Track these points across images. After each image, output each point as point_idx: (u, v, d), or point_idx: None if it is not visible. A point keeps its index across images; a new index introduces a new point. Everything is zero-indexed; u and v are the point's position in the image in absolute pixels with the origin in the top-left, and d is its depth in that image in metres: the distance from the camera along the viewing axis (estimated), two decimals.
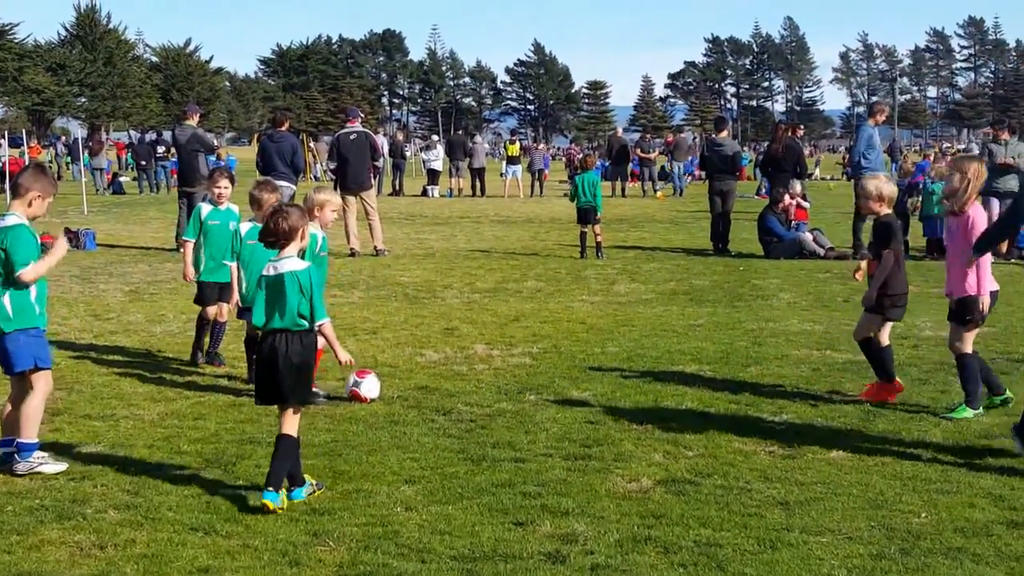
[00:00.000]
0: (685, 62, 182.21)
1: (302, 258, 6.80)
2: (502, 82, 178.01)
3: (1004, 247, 19.70)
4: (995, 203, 19.80)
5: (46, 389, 7.36)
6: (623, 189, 41.49)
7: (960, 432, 8.15)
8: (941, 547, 5.83)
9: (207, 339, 10.84)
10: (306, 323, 6.60)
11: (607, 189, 43.46)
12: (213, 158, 26.69)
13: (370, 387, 9.15)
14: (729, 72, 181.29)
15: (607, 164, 44.71)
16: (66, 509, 6.46)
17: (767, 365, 10.60)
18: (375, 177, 21.69)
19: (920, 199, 21.63)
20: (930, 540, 5.93)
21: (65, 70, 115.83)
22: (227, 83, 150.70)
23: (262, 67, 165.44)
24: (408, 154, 49.94)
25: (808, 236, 20.33)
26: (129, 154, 54.32)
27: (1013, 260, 19.57)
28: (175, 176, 31.88)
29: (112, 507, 6.48)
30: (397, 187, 42.61)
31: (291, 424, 6.62)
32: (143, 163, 44.48)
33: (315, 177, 50.62)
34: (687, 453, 7.68)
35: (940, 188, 20.56)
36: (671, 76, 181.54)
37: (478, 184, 41.65)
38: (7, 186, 34.91)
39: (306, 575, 5.51)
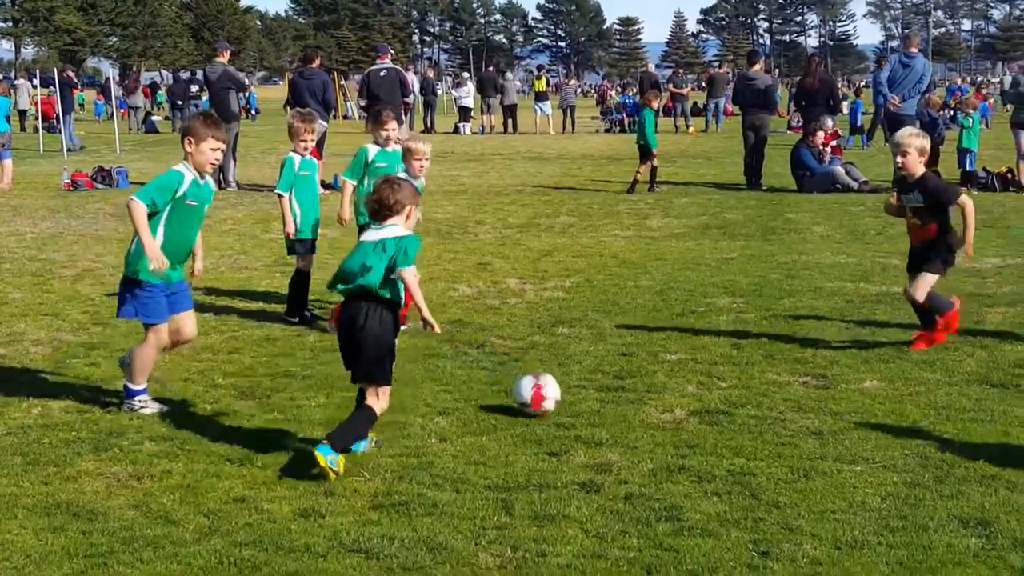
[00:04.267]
0: None
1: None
2: (533, 19, 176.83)
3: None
4: None
5: (153, 341, 7.08)
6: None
7: (994, 361, 8.10)
8: (975, 475, 5.81)
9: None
10: (389, 293, 6.10)
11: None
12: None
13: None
14: (762, 7, 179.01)
15: (636, 100, 44.33)
16: (102, 441, 6.53)
17: (800, 297, 10.54)
18: (406, 114, 21.61)
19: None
20: (964, 468, 5.90)
21: (96, 9, 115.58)
22: (257, 22, 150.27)
23: (293, 5, 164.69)
24: (439, 91, 49.73)
25: (841, 169, 20.13)
26: (161, 93, 54.32)
27: None
28: None
29: (148, 439, 6.55)
30: (429, 124, 42.47)
31: (375, 400, 6.16)
32: (179, 102, 44.49)
33: (346, 116, 50.56)
34: (720, 384, 7.67)
35: (970, 121, 20.37)
36: (703, 11, 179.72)
37: (510, 121, 41.46)
38: (40, 124, 34.96)
39: (341, 505, 5.55)
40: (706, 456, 6.19)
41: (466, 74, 51.03)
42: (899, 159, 8.37)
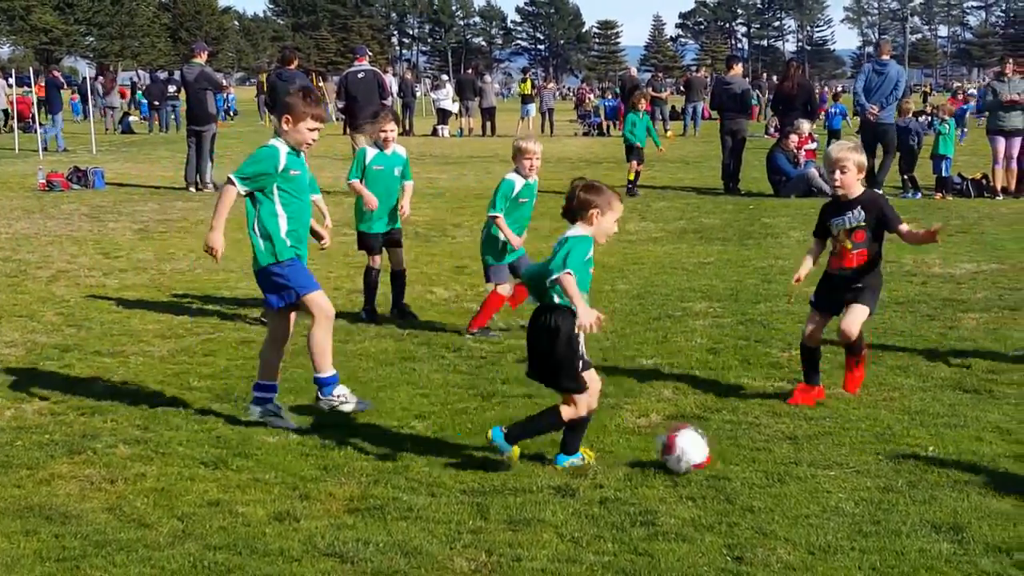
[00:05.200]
0: (696, 1, 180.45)
1: None
2: (512, 21, 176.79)
3: (1012, 184, 19.67)
4: (1001, 141, 19.63)
5: (321, 317, 6.74)
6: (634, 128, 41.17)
7: (968, 367, 8.15)
8: (948, 480, 5.85)
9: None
10: (557, 297, 5.87)
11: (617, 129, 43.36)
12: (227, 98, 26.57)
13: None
14: (740, 11, 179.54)
15: (617, 103, 44.39)
16: (76, 444, 6.50)
17: (776, 302, 10.58)
18: None
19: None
20: (936, 473, 5.94)
21: (73, 9, 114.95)
22: (236, 22, 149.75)
23: (271, 6, 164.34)
24: (418, 93, 49.68)
25: (815, 172, 20.21)
26: (140, 93, 54.08)
27: (1022, 196, 19.47)
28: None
29: (122, 442, 6.52)
30: (407, 127, 42.38)
31: (565, 406, 6.00)
32: (156, 102, 44.31)
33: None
34: (696, 389, 7.69)
35: (946, 128, 20.48)
36: (682, 15, 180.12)
37: (488, 124, 41.47)
38: (15, 124, 34.72)
39: (316, 509, 5.54)
40: None
41: (445, 76, 51.11)
42: (837, 176, 7.22)
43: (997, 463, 6.10)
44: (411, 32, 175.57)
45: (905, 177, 20.36)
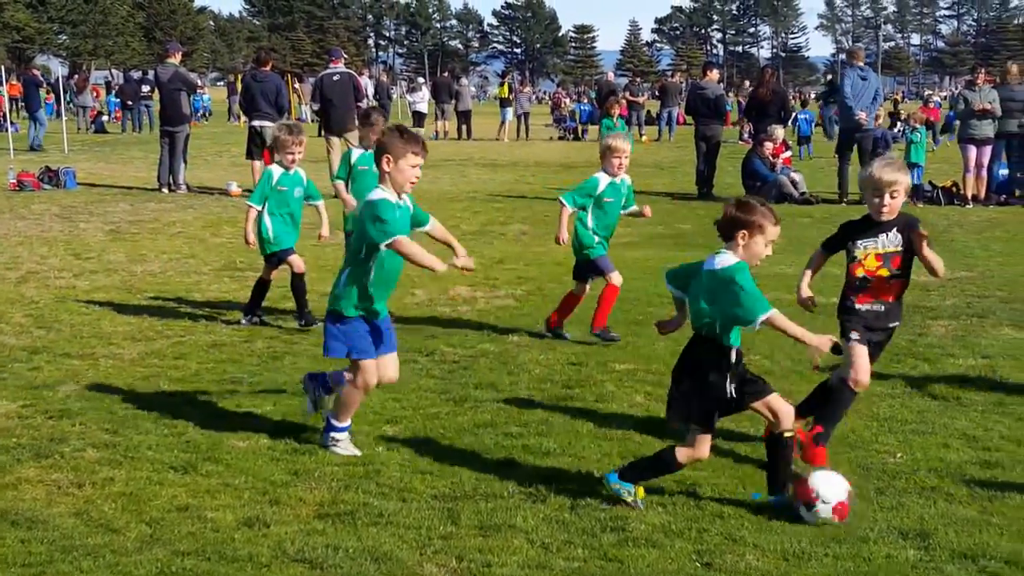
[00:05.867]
0: (672, 7, 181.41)
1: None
2: (489, 25, 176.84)
3: (982, 192, 19.82)
4: (972, 149, 19.78)
5: (361, 381, 6.43)
6: None
7: (936, 375, 8.20)
8: (915, 487, 5.89)
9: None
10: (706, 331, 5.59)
11: (593, 132, 43.39)
12: (202, 99, 26.45)
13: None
14: (716, 17, 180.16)
15: (594, 108, 44.47)
16: (43, 448, 6.45)
17: None
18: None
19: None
20: (905, 479, 5.98)
21: (46, 7, 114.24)
22: (211, 22, 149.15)
23: (247, 7, 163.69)
24: (393, 96, 49.62)
25: (785, 179, 20.32)
26: (114, 93, 53.74)
27: (991, 205, 19.62)
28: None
29: (90, 446, 6.48)
30: None
31: (685, 446, 5.61)
32: (129, 102, 44.07)
33: (300, 119, 50.33)
34: None
35: (918, 136, 20.61)
36: (658, 20, 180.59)
37: (464, 127, 41.43)
38: None
39: (286, 514, 5.52)
40: None
41: (421, 79, 51.03)
42: (886, 200, 6.24)
43: (964, 470, 6.14)
44: (387, 34, 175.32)
45: None
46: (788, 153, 22.18)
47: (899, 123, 33.85)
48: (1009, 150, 20.49)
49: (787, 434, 5.61)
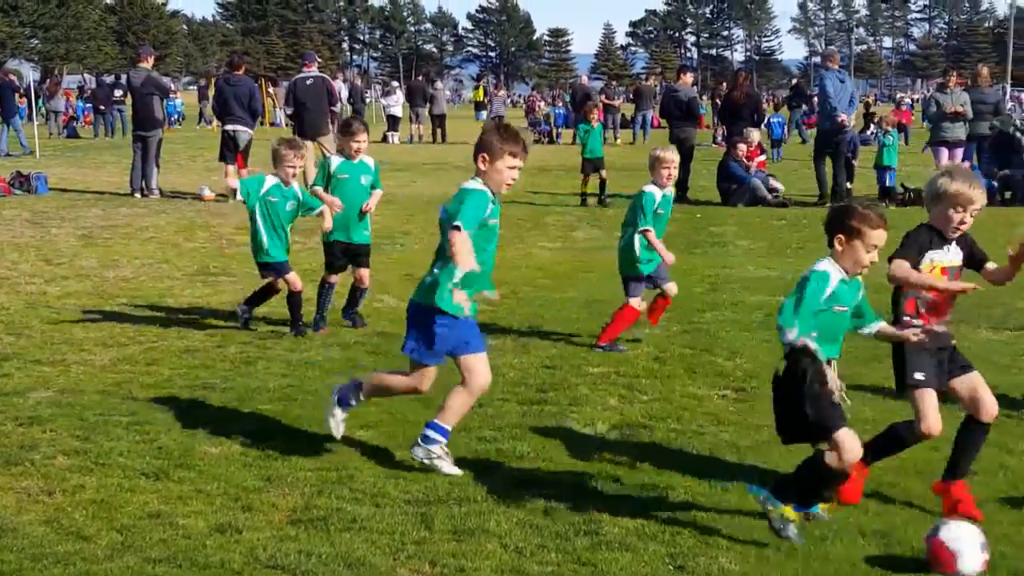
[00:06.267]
0: (646, 10, 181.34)
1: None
2: (463, 28, 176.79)
3: None
4: (944, 152, 19.90)
5: (474, 382, 6.15)
6: None
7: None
8: (879, 486, 5.92)
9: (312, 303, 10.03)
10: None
11: (568, 136, 43.45)
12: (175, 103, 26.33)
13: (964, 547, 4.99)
14: (689, 21, 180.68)
15: (568, 112, 44.57)
16: (13, 455, 6.38)
17: (722, 311, 10.64)
18: (333, 123, 21.50)
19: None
20: (873, 481, 5.99)
21: (17, 11, 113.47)
22: (184, 26, 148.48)
23: (220, 10, 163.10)
24: (368, 100, 49.60)
25: (759, 182, 20.41)
26: (84, 97, 53.44)
27: None
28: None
29: (61, 453, 6.42)
30: None
31: (829, 454, 5.18)
32: (101, 107, 43.84)
33: (274, 123, 50.18)
34: (641, 397, 7.71)
35: (890, 139, 20.72)
36: (632, 24, 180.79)
37: (439, 131, 41.41)
38: None
39: (259, 520, 5.49)
40: (626, 470, 6.22)
41: (395, 83, 50.95)
42: (967, 219, 5.73)
43: (926, 470, 6.17)
44: (362, 38, 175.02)
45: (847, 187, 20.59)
46: (763, 156, 22.25)
47: (872, 125, 34.00)
48: (979, 152, 20.66)
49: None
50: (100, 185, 22.86)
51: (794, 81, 50.93)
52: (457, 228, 5.78)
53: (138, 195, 20.74)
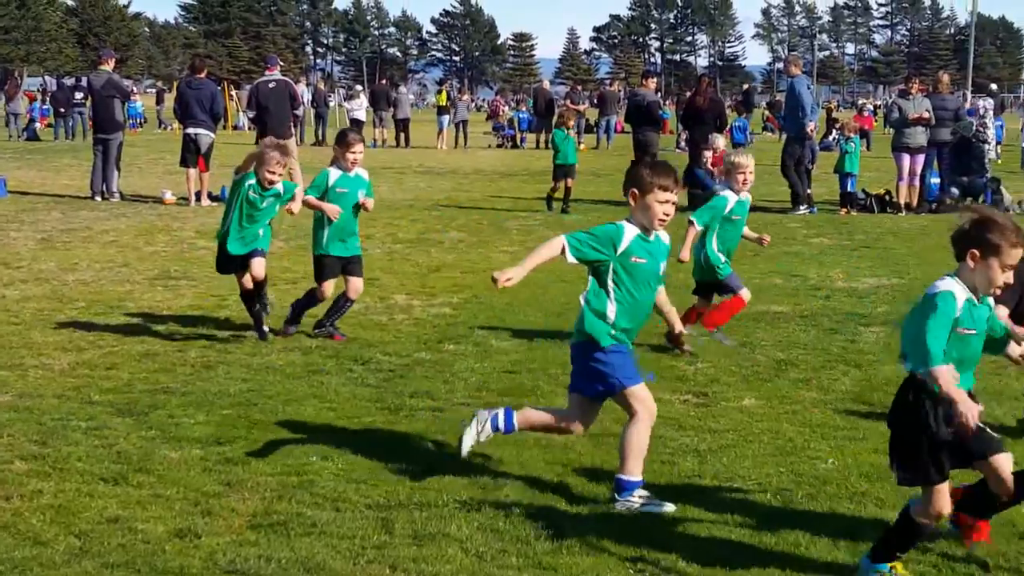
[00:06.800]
0: (610, 15, 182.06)
1: None
2: (428, 32, 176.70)
3: (915, 200, 20.16)
4: (906, 158, 20.08)
5: (643, 413, 5.87)
6: (547, 141, 41.48)
7: (868, 380, 8.31)
8: (846, 492, 5.96)
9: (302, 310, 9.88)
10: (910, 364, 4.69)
11: (532, 141, 43.51)
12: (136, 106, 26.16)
13: None
14: (653, 26, 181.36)
15: (531, 116, 44.64)
16: None
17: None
18: (295, 126, 21.45)
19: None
20: (836, 485, 6.05)
21: None
22: (146, 29, 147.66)
23: (182, 13, 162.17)
24: (331, 103, 49.42)
25: (720, 188, 20.49)
26: (40, 100, 53.00)
27: (924, 213, 19.93)
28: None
29: (19, 458, 6.37)
30: (320, 137, 42.13)
31: (922, 504, 4.82)
32: (61, 109, 43.47)
33: (236, 127, 49.95)
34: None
35: (852, 146, 20.88)
36: (596, 29, 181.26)
37: (402, 135, 41.35)
38: None
39: (219, 525, 5.47)
40: (587, 474, 6.24)
41: (359, 86, 50.80)
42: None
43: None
44: (325, 42, 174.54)
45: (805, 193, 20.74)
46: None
47: (835, 131, 34.26)
48: (940, 159, 20.85)
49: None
50: (60, 188, 22.69)
51: (745, 87, 51.33)
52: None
53: (99, 198, 20.59)
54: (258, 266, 9.33)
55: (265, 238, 9.53)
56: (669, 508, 5.71)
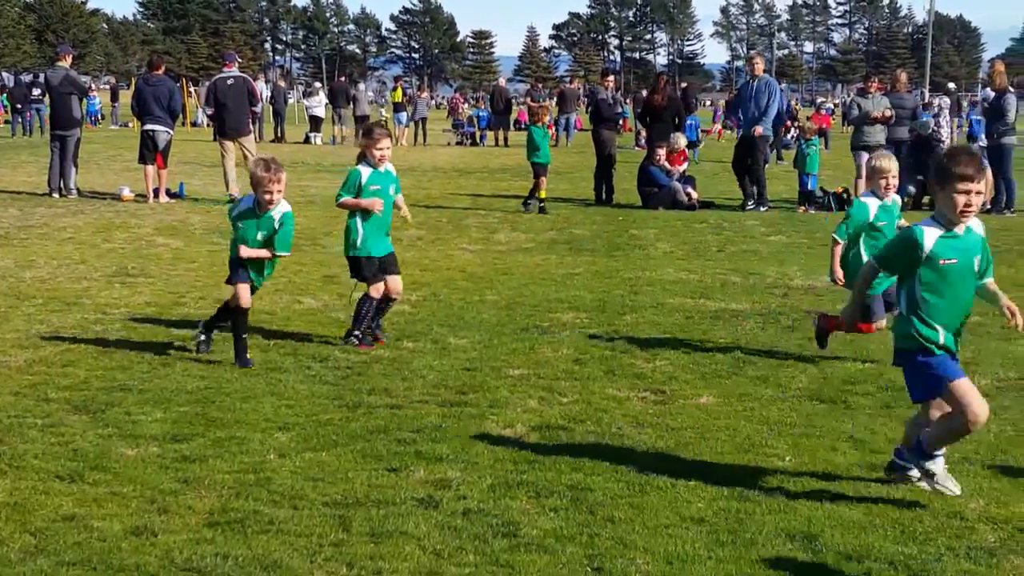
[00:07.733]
0: (570, 13, 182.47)
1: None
2: (387, 30, 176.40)
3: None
4: (865, 156, 20.24)
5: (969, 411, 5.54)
6: (506, 139, 41.59)
7: (825, 378, 8.38)
8: (803, 489, 5.99)
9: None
10: None
11: (491, 139, 43.54)
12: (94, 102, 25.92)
13: None
14: (613, 24, 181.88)
15: (490, 114, 44.66)
16: None
17: (642, 313, 10.73)
18: (254, 123, 21.36)
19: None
20: (792, 483, 6.09)
21: None
22: (104, 25, 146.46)
23: (141, 9, 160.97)
24: (290, 100, 49.27)
25: (679, 185, 20.60)
26: (4, 96, 52.48)
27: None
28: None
29: None
30: (279, 134, 41.99)
31: None
32: (19, 105, 43.05)
33: (195, 123, 49.66)
34: (561, 400, 7.75)
35: (811, 148, 21.06)
36: (556, 27, 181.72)
37: (361, 132, 41.26)
38: None
39: (175, 523, 5.44)
40: (545, 471, 6.25)
41: (318, 84, 50.65)
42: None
43: (850, 472, 6.28)
44: (284, 38, 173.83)
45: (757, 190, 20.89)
46: (688, 164, 22.44)
47: (794, 128, 34.48)
48: (897, 157, 21.01)
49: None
50: (17, 185, 22.48)
51: (684, 85, 51.61)
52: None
53: (56, 195, 20.42)
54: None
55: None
56: (955, 489, 5.76)
